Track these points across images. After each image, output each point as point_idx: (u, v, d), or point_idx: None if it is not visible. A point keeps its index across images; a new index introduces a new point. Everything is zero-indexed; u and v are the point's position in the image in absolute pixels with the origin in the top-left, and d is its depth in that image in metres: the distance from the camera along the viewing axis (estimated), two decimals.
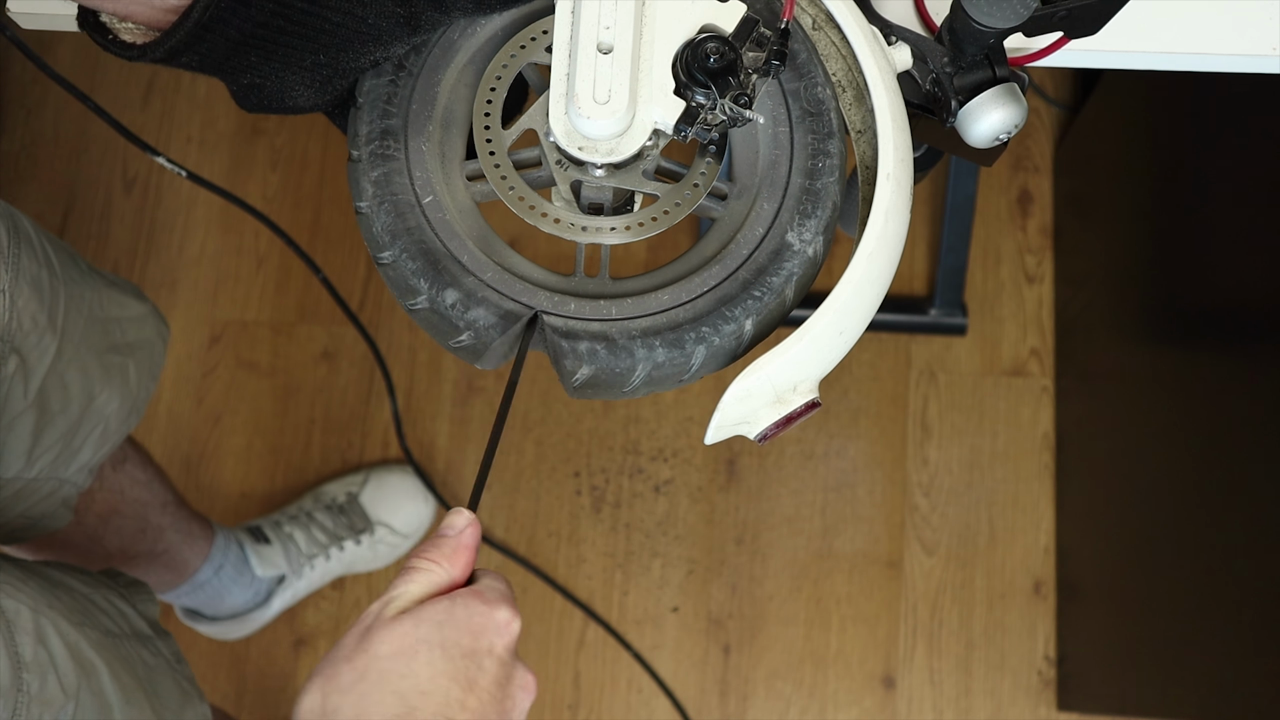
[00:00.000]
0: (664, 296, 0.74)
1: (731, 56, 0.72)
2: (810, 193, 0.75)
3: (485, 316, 0.72)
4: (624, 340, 0.72)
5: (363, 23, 0.71)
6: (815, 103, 0.77)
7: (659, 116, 0.73)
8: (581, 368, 0.72)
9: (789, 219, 0.75)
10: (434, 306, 0.73)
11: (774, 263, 0.74)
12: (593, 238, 0.75)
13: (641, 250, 2.00)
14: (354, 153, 0.76)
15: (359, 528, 1.90)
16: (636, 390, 0.74)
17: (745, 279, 0.74)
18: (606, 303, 0.74)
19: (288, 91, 0.74)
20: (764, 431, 0.71)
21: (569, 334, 0.72)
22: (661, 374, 0.73)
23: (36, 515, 1.21)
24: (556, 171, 0.76)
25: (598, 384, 0.73)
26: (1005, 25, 0.73)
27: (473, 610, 0.62)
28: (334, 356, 2.05)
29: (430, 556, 0.65)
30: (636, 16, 0.73)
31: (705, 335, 0.73)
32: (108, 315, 1.19)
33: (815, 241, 0.75)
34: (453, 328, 0.73)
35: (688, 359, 0.73)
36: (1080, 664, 1.85)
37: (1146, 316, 1.69)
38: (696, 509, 1.99)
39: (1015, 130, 0.78)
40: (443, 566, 0.65)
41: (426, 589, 0.64)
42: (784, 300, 0.74)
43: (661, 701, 1.93)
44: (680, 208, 0.76)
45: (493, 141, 0.76)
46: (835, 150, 0.76)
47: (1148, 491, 1.62)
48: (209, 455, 2.02)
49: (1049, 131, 2.12)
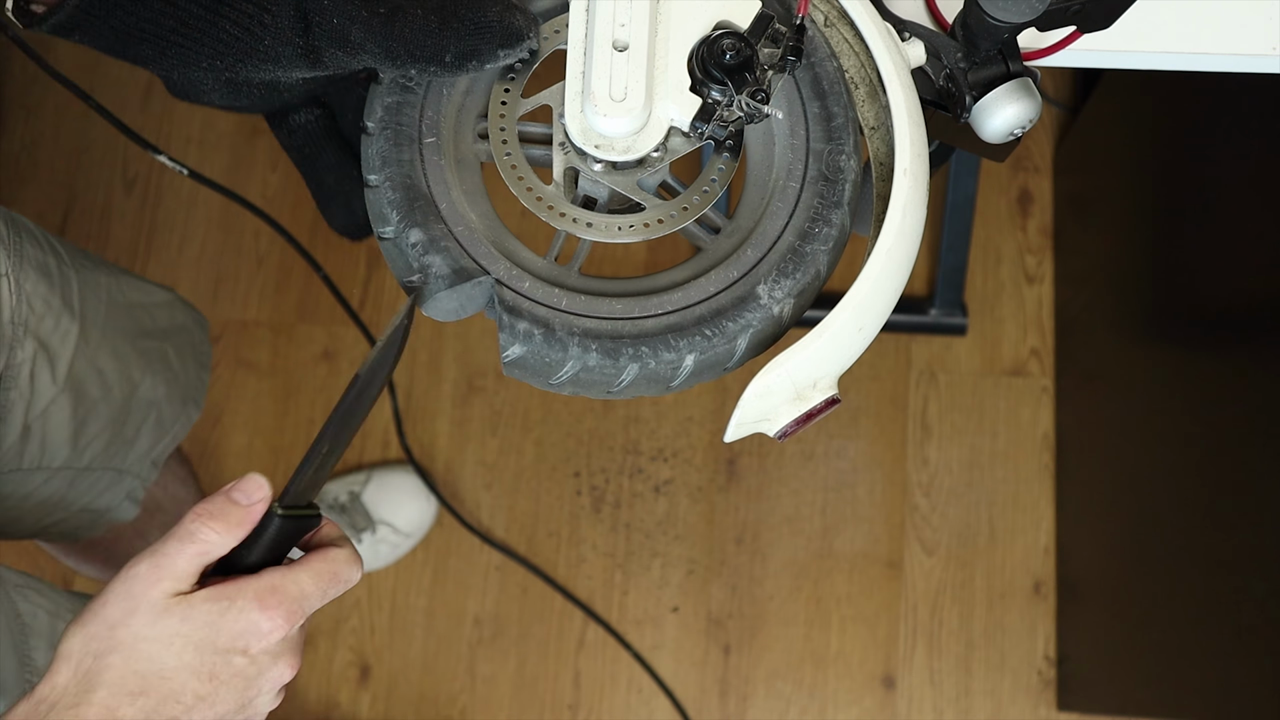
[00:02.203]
0: (616, 305, 0.73)
1: (747, 53, 0.72)
2: (797, 254, 0.74)
3: (440, 266, 0.72)
4: (563, 333, 0.72)
5: (259, 42, 0.69)
6: (835, 170, 0.76)
7: (675, 113, 0.73)
8: (514, 345, 0.72)
9: (767, 272, 0.74)
10: (396, 240, 0.73)
11: (735, 309, 0.73)
12: (569, 227, 0.75)
13: (642, 252, 2.00)
14: (369, 125, 0.76)
15: (361, 526, 1.90)
16: (562, 386, 0.74)
17: (701, 314, 0.73)
18: (560, 293, 0.73)
19: (195, 88, 0.73)
20: (784, 429, 0.71)
21: (513, 309, 0.72)
22: (590, 378, 0.73)
23: (101, 508, 1.20)
24: (556, 152, 0.76)
25: (525, 366, 0.73)
26: (1020, 20, 0.73)
27: (244, 617, 0.64)
28: (334, 356, 2.05)
29: (214, 526, 0.65)
30: (651, 14, 0.73)
31: (643, 355, 0.72)
32: (130, 300, 1.19)
33: (785, 302, 0.73)
34: (407, 265, 0.73)
35: (618, 372, 0.72)
36: (1080, 664, 1.85)
37: (1146, 316, 1.69)
38: (696, 509, 1.99)
39: (1030, 125, 0.78)
40: (220, 537, 0.65)
41: (197, 562, 0.64)
42: (733, 349, 0.73)
43: (661, 701, 1.93)
44: (675, 219, 0.75)
45: (507, 104, 0.76)
46: (838, 222, 0.75)
47: (1148, 491, 1.63)
48: (209, 455, 2.02)
49: (1049, 131, 2.12)
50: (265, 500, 0.66)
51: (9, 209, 1.07)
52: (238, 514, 0.65)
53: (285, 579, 0.65)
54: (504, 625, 1.96)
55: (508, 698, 1.94)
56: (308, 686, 1.93)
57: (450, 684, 1.94)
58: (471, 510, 1.99)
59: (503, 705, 1.93)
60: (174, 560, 0.64)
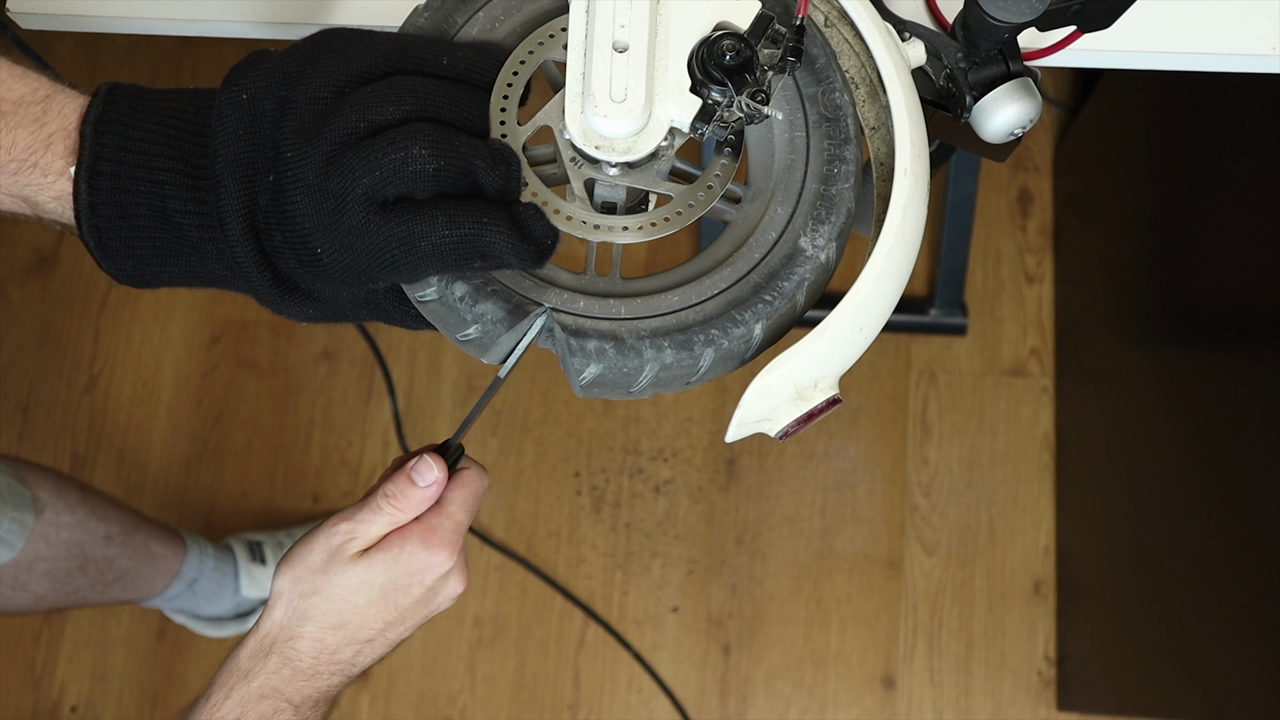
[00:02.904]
0: (674, 298, 0.74)
1: (747, 54, 0.72)
2: (825, 198, 0.75)
3: (493, 310, 0.72)
4: (633, 340, 0.72)
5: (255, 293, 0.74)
6: (833, 108, 0.77)
7: (675, 114, 0.73)
8: (589, 366, 0.72)
9: (802, 224, 0.75)
10: (443, 299, 0.72)
11: (786, 267, 0.74)
12: (605, 236, 0.75)
13: (642, 251, 2.00)
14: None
15: None
16: (643, 391, 0.73)
17: (756, 283, 0.74)
18: (616, 302, 0.73)
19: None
20: (785, 429, 0.71)
21: (578, 332, 0.72)
22: (669, 375, 0.73)
23: None
24: (571, 169, 0.76)
25: (604, 383, 0.73)
26: (1020, 20, 0.73)
27: (414, 559, 0.77)
28: (334, 356, 2.05)
29: (397, 505, 0.77)
30: (651, 14, 0.73)
31: (714, 338, 0.72)
32: None
33: (829, 247, 0.74)
34: (460, 320, 0.72)
35: (696, 361, 0.72)
36: (1080, 664, 1.85)
37: (1146, 316, 1.69)
38: (696, 509, 1.99)
39: (1030, 125, 0.78)
40: (404, 513, 0.77)
41: (385, 530, 0.77)
42: (794, 305, 0.74)
43: (661, 701, 1.93)
44: (694, 208, 0.75)
45: (508, 138, 0.76)
46: (851, 156, 0.76)
47: (1148, 491, 1.63)
48: (209, 455, 2.02)
49: (1049, 131, 2.12)
50: (440, 483, 0.77)
51: None
52: (417, 495, 0.77)
53: (440, 518, 0.78)
54: (504, 625, 1.96)
55: (508, 698, 1.94)
56: None
57: (450, 684, 1.94)
58: None
59: (503, 705, 1.93)
60: (368, 527, 0.77)
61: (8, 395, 2.04)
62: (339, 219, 0.67)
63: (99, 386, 2.05)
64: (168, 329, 2.07)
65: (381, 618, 0.78)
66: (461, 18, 0.78)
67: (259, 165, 0.69)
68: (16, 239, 2.11)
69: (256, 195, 0.69)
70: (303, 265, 0.69)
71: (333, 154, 0.67)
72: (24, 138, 0.70)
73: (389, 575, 0.77)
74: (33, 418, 2.04)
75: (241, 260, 0.70)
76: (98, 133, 0.69)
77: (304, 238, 0.68)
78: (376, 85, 0.69)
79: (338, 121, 0.68)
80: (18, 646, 1.94)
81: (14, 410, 2.03)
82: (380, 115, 0.68)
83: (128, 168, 0.69)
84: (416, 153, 0.67)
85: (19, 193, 0.71)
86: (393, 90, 0.69)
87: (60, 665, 1.94)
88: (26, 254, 2.10)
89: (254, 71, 0.71)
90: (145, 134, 0.70)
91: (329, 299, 0.73)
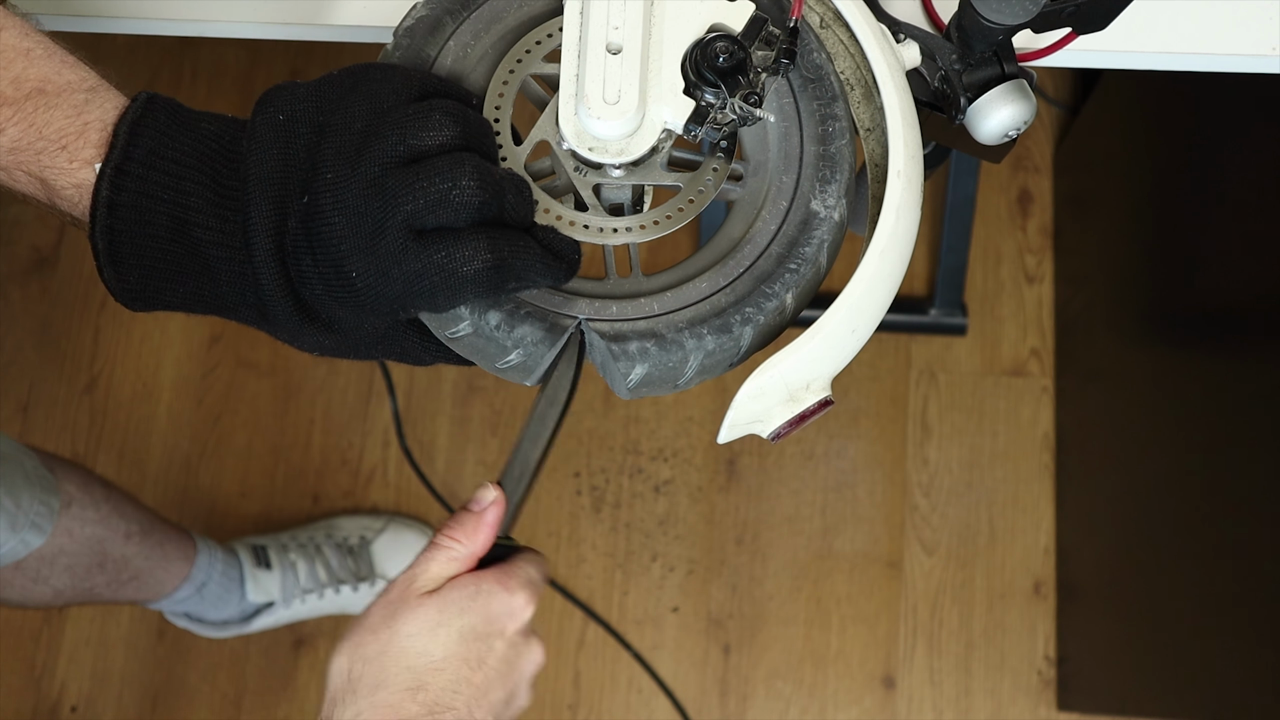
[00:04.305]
0: (703, 284, 0.74)
1: (741, 55, 0.72)
2: (826, 158, 0.75)
3: (532, 332, 0.71)
4: (672, 334, 0.72)
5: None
6: (814, 68, 0.77)
7: (669, 116, 0.73)
8: (635, 368, 0.71)
9: (810, 188, 0.75)
10: (478, 331, 0.71)
11: (804, 233, 0.74)
12: (622, 238, 0.75)
13: (642, 248, 2.00)
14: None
15: (362, 575, 1.88)
16: (690, 381, 0.73)
17: (779, 254, 0.74)
18: (647, 300, 0.73)
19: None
20: (777, 430, 0.71)
21: (617, 337, 0.71)
22: (713, 361, 0.73)
23: None
24: (576, 179, 0.75)
25: (652, 381, 0.73)
26: (1014, 21, 0.73)
27: (493, 598, 0.70)
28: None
29: (454, 535, 0.71)
30: (645, 16, 0.73)
31: (750, 315, 0.72)
32: None
33: (839, 205, 0.75)
34: (500, 349, 0.71)
35: (737, 342, 0.72)
36: (1080, 664, 1.85)
37: (1146, 316, 1.69)
38: (696, 509, 1.99)
39: (1025, 126, 0.78)
40: (464, 544, 0.71)
41: (449, 567, 0.70)
42: (819, 268, 0.74)
43: (661, 701, 1.93)
44: (703, 195, 0.76)
45: (508, 160, 0.76)
46: (842, 113, 0.76)
47: (1148, 491, 1.63)
48: (209, 455, 2.02)
49: (1049, 131, 2.12)
50: (500, 505, 0.72)
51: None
52: (474, 521, 0.71)
53: (515, 566, 0.72)
54: None
55: None
56: (308, 686, 1.93)
57: None
58: None
59: None
60: (426, 567, 0.70)
61: (8, 395, 2.04)
62: (377, 244, 0.66)
63: (99, 386, 2.05)
64: (168, 329, 2.07)
65: (464, 677, 0.67)
66: (433, 50, 0.78)
67: (291, 188, 0.68)
68: (17, 239, 2.11)
69: (286, 218, 0.68)
70: (330, 291, 0.68)
71: (375, 178, 0.67)
72: (59, 120, 0.70)
73: (469, 617, 0.68)
74: (33, 418, 2.04)
75: (264, 283, 0.69)
76: (132, 134, 0.69)
77: (338, 262, 0.67)
78: (418, 106, 0.69)
79: (379, 144, 0.67)
80: (18, 646, 1.94)
81: (14, 410, 2.04)
82: (421, 141, 0.68)
83: (156, 173, 0.69)
84: (465, 185, 0.66)
85: (40, 174, 0.70)
86: (434, 112, 0.68)
87: (60, 665, 1.94)
88: (26, 254, 2.11)
89: (291, 95, 0.71)
90: (179, 146, 0.69)
91: (349, 330, 0.71)
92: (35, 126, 0.69)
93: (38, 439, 2.02)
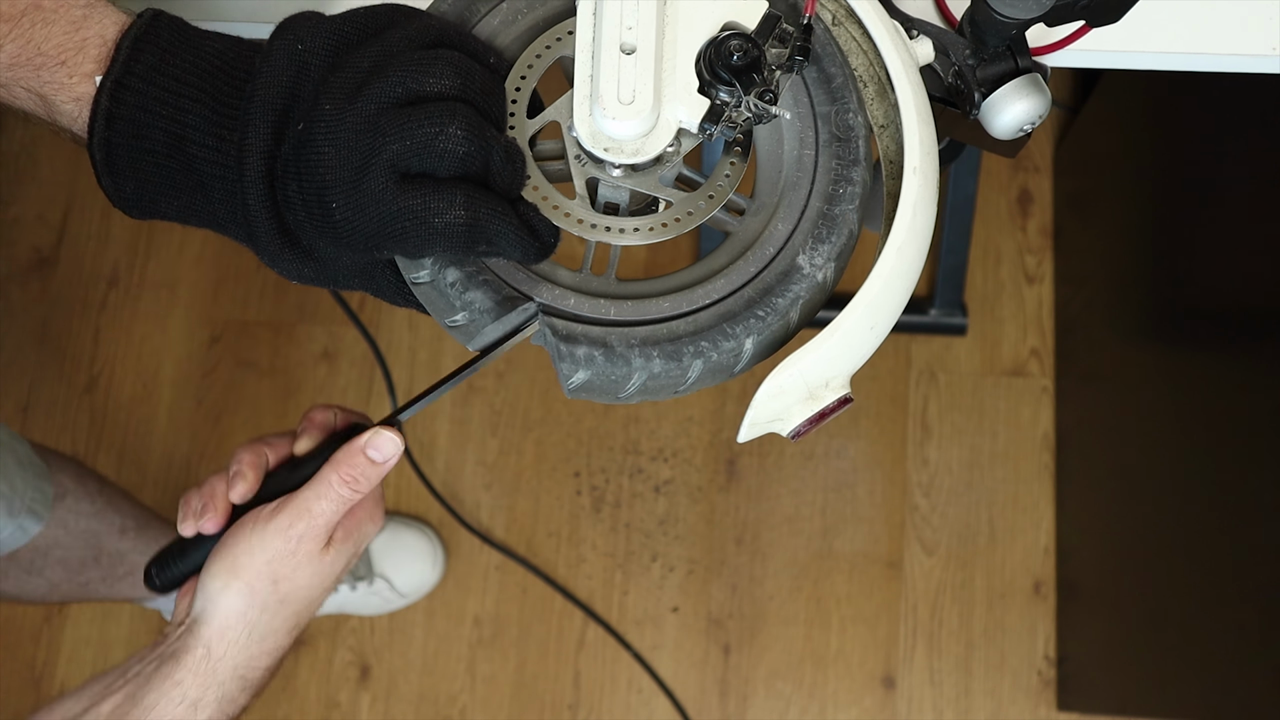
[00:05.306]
0: (664, 304, 0.73)
1: (755, 53, 0.72)
2: (828, 218, 0.74)
3: (482, 300, 0.71)
4: (621, 348, 0.71)
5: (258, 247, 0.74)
6: (845, 129, 0.76)
7: (684, 115, 0.73)
8: (578, 372, 0.71)
9: (802, 242, 0.74)
10: (435, 283, 0.72)
11: (781, 284, 0.73)
12: (602, 236, 0.74)
13: (642, 253, 2.00)
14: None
15: (359, 574, 1.88)
16: (631, 397, 0.73)
17: (750, 297, 0.73)
18: (606, 303, 0.73)
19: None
20: (797, 428, 0.71)
21: (568, 337, 0.71)
22: (657, 384, 0.72)
23: None
24: (574, 166, 0.75)
25: (592, 388, 0.72)
26: (1027, 15, 0.73)
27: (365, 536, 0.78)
28: (334, 356, 2.05)
29: (356, 487, 0.74)
30: (658, 16, 0.73)
31: (703, 350, 0.71)
32: None
33: (826, 267, 0.74)
34: (449, 306, 0.72)
35: (684, 372, 0.72)
36: (1080, 664, 1.85)
37: (1146, 316, 1.69)
38: (696, 509, 1.99)
39: (1039, 121, 0.78)
40: (361, 494, 0.75)
41: (340, 514, 0.75)
42: (788, 323, 0.73)
43: (661, 701, 1.93)
44: (694, 216, 0.75)
45: (515, 130, 0.76)
46: (859, 179, 0.75)
47: (1148, 491, 1.63)
48: (209, 455, 2.02)
49: (1049, 131, 2.13)
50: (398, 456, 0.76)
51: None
52: (377, 472, 0.75)
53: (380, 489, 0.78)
54: (504, 625, 1.96)
55: (508, 698, 1.94)
56: (308, 686, 1.93)
57: (450, 684, 1.94)
58: (471, 510, 1.99)
59: (503, 705, 1.93)
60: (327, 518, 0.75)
61: (8, 395, 2.04)
62: (360, 179, 0.67)
63: (99, 386, 2.05)
64: (168, 329, 2.07)
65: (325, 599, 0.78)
66: (484, 7, 0.78)
67: (292, 114, 0.69)
68: (17, 239, 2.11)
69: (281, 143, 0.69)
70: (311, 219, 0.69)
71: (370, 115, 0.68)
72: (57, 35, 0.70)
73: (346, 561, 0.77)
74: (33, 418, 2.03)
75: (251, 203, 0.70)
76: (134, 49, 0.69)
77: (321, 191, 0.68)
78: (424, 53, 0.70)
79: (379, 83, 0.68)
80: (18, 646, 1.94)
81: (14, 410, 2.03)
82: (421, 86, 0.68)
83: (156, 89, 0.69)
84: (452, 132, 0.67)
85: (39, 89, 0.71)
86: (438, 61, 0.69)
87: (60, 665, 1.93)
88: (26, 254, 2.10)
89: (313, 27, 0.71)
90: (180, 63, 0.70)
91: (327, 261, 0.72)
92: (33, 42, 0.70)
93: (37, 439, 2.01)
